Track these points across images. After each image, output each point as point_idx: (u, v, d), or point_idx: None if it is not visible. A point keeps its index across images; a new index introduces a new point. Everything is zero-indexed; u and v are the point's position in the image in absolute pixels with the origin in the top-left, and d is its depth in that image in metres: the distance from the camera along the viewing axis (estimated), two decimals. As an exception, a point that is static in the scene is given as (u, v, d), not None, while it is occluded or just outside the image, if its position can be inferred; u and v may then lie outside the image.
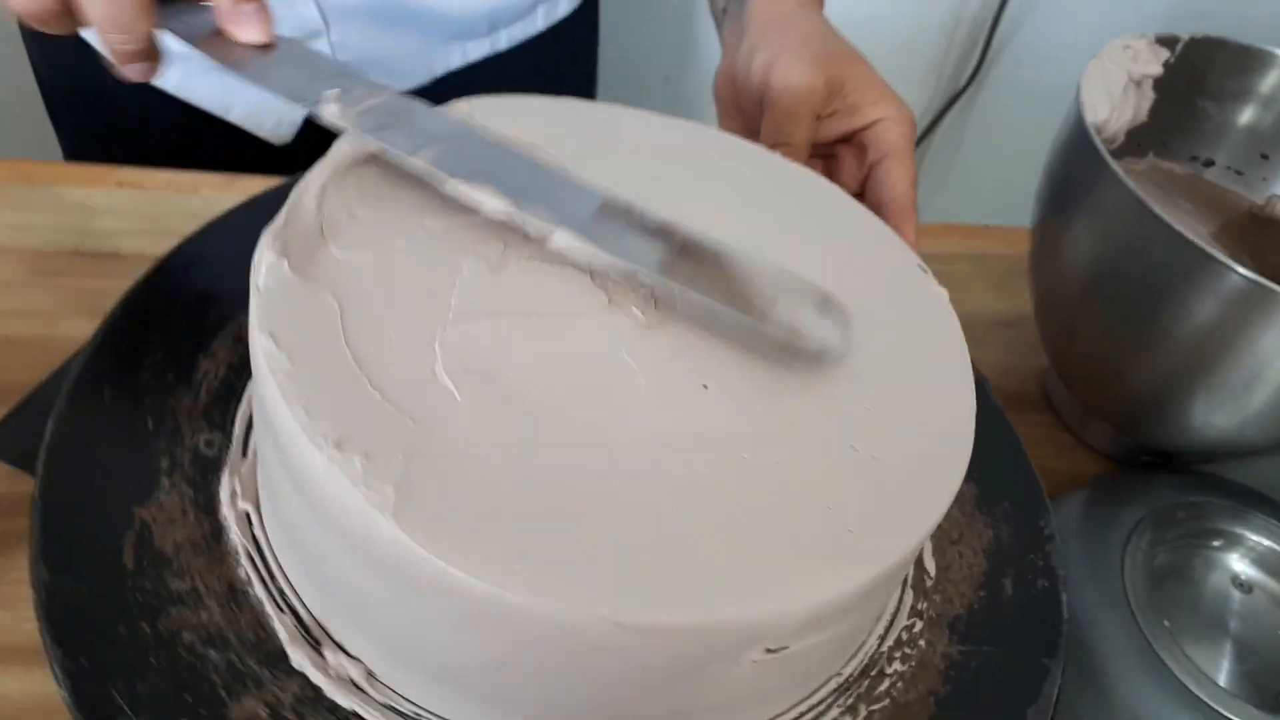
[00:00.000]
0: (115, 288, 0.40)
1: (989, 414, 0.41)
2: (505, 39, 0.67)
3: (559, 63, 0.72)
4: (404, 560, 0.26)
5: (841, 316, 0.33)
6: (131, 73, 0.36)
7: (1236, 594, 0.45)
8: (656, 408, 0.31)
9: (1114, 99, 0.52)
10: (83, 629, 0.31)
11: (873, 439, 0.31)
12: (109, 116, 0.64)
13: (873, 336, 0.35)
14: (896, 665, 0.35)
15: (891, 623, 0.36)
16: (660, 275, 0.32)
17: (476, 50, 0.66)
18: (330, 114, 0.34)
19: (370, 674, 0.32)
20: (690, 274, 0.32)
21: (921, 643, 0.36)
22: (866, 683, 0.35)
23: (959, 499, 0.38)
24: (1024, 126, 0.99)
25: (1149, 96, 0.53)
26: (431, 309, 0.32)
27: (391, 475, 0.27)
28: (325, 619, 0.33)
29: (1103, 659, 0.41)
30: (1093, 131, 0.45)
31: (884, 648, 0.36)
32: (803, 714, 0.33)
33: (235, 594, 0.33)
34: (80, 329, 0.46)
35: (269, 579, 0.34)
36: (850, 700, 0.34)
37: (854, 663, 0.35)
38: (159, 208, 0.52)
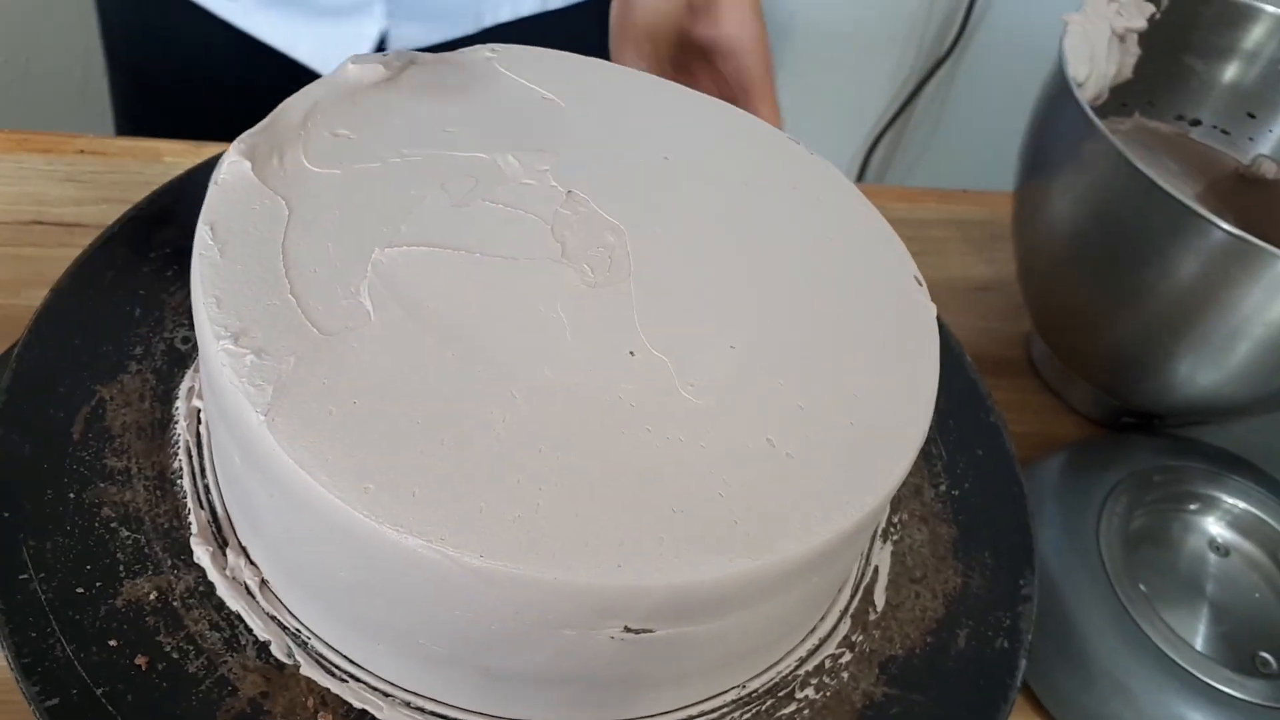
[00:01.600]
0: (74, 257, 0.39)
1: (997, 458, 0.41)
2: (489, 19, 0.65)
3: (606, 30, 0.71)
4: (270, 462, 0.26)
5: None
6: None
7: (1213, 557, 0.45)
8: (576, 364, 0.30)
9: (1097, 54, 0.51)
10: (13, 486, 0.32)
11: (794, 437, 0.30)
12: (172, 53, 0.64)
13: (841, 334, 0.34)
14: (809, 692, 0.33)
15: (818, 648, 0.35)
16: None
17: (527, 5, 0.64)
18: None
19: (264, 583, 0.32)
20: None
21: (845, 675, 0.34)
22: (771, 702, 0.33)
23: (934, 539, 0.38)
24: (1006, 92, 0.99)
25: (1134, 52, 0.52)
26: (378, 231, 0.32)
27: (276, 376, 0.27)
28: (235, 520, 0.33)
29: (1078, 623, 0.40)
30: (1075, 87, 0.44)
31: (800, 671, 0.34)
32: (693, 717, 0.32)
33: (164, 482, 0.34)
34: (40, 299, 0.45)
35: (198, 474, 0.34)
36: (748, 716, 0.33)
37: (761, 678, 0.33)
38: (120, 176, 0.51)
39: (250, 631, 0.31)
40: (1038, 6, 1.09)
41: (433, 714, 0.31)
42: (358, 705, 0.30)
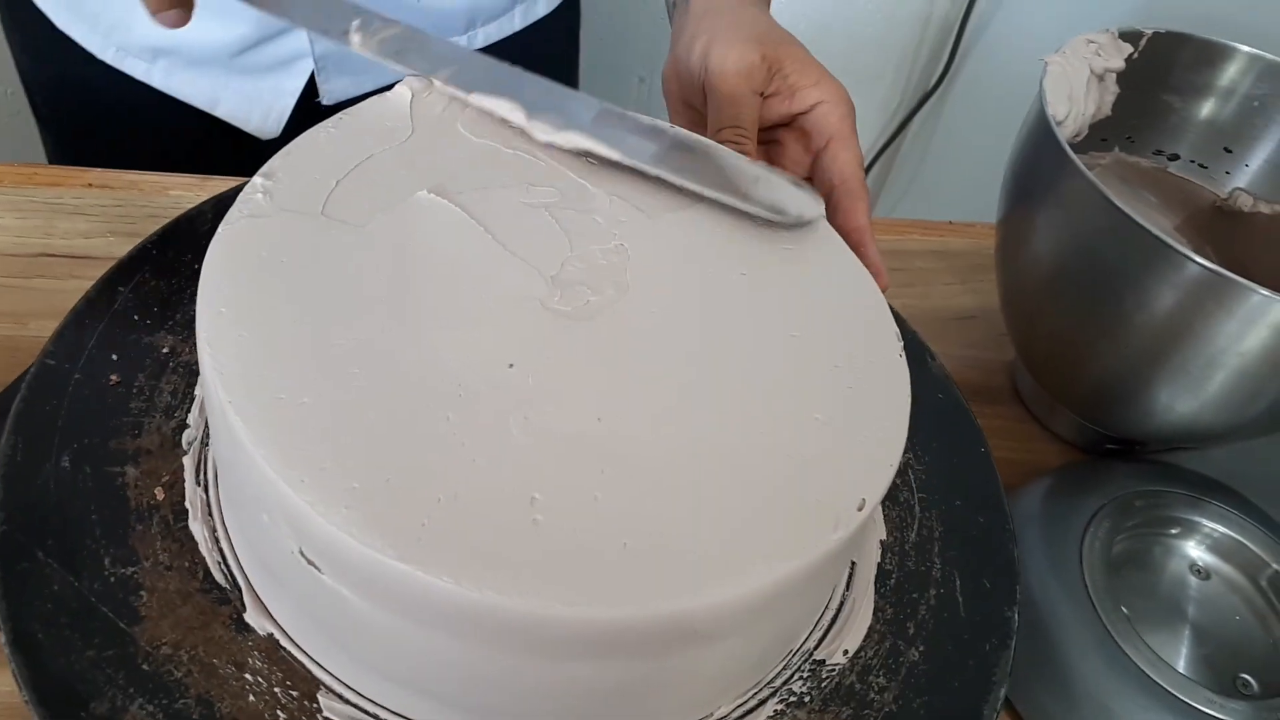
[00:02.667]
0: (85, 289, 0.40)
1: (982, 484, 0.42)
2: (482, 36, 0.67)
3: (537, 62, 0.72)
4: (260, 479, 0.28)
5: (815, 193, 0.39)
6: (165, 20, 0.38)
7: (1194, 580, 0.46)
8: (556, 402, 0.31)
9: (1076, 94, 0.53)
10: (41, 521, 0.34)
11: (765, 468, 0.31)
12: (93, 112, 0.64)
13: (810, 366, 0.35)
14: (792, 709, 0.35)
15: (805, 663, 0.36)
16: (655, 165, 0.38)
17: None
18: (355, 43, 0.39)
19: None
20: (681, 164, 0.38)
21: (828, 690, 0.35)
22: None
23: (918, 564, 0.39)
24: (993, 126, 1.00)
25: (1112, 90, 0.53)
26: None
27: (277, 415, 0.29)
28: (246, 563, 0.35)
29: (1061, 646, 0.41)
30: (1054, 124, 0.46)
31: (787, 686, 0.35)
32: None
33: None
34: (49, 330, 0.45)
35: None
36: None
37: (759, 692, 0.35)
38: (128, 209, 0.52)
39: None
40: (1022, 43, 1.11)
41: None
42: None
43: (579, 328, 0.33)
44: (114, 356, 0.39)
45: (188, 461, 0.36)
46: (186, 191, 0.54)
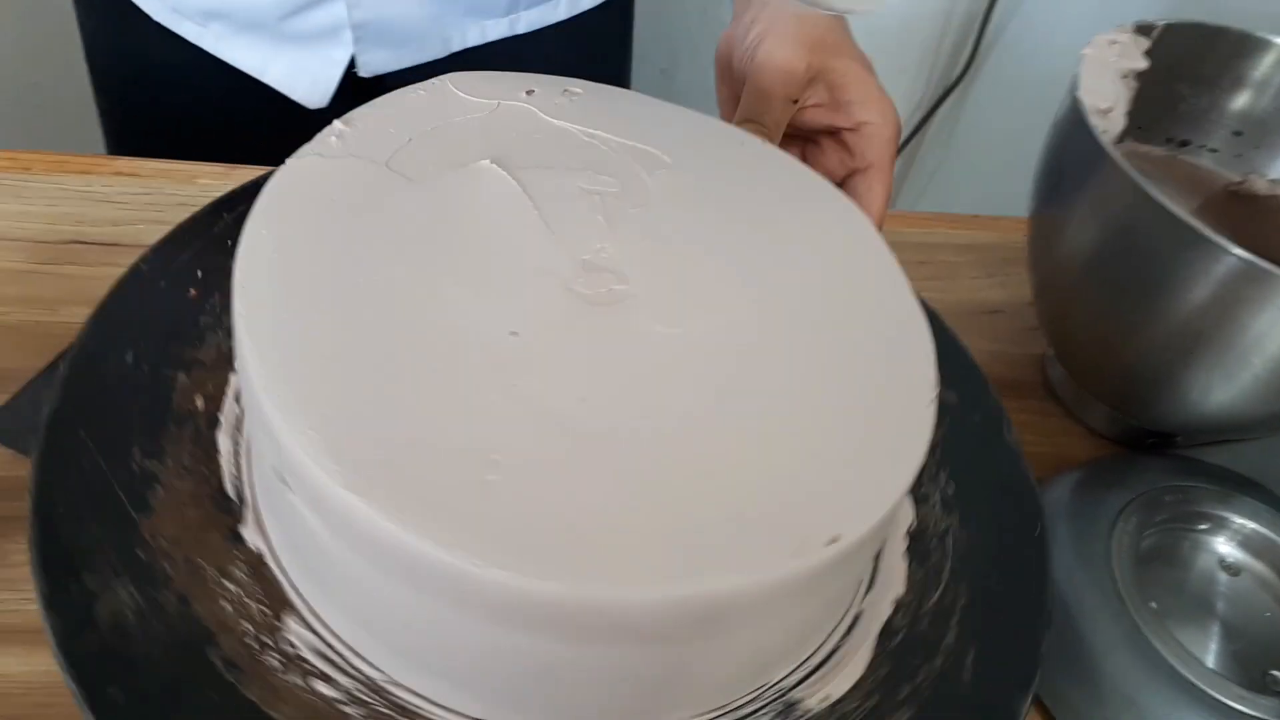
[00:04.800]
0: (115, 275, 0.41)
1: (1014, 478, 0.41)
2: (524, 22, 0.67)
3: (582, 56, 0.72)
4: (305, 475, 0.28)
5: None
6: None
7: (1223, 576, 0.45)
8: (586, 387, 0.31)
9: (1107, 91, 0.53)
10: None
11: (794, 452, 0.31)
12: (151, 76, 0.65)
13: (836, 349, 0.35)
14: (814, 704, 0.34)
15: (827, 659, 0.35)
16: None
17: (495, 30, 0.66)
18: None
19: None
20: None
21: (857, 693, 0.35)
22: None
23: (949, 559, 0.39)
24: (1016, 119, 1.00)
25: (1133, 86, 0.53)
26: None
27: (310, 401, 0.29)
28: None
29: (1090, 640, 0.41)
30: (1089, 117, 0.46)
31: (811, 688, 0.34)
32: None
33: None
34: (80, 316, 0.46)
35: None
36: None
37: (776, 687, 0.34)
38: (157, 197, 0.53)
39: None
40: (1047, 34, 1.11)
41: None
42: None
43: (593, 312, 0.33)
44: (199, 273, 0.41)
45: (233, 379, 0.38)
46: (214, 180, 0.54)
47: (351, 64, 0.62)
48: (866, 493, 0.31)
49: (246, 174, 0.54)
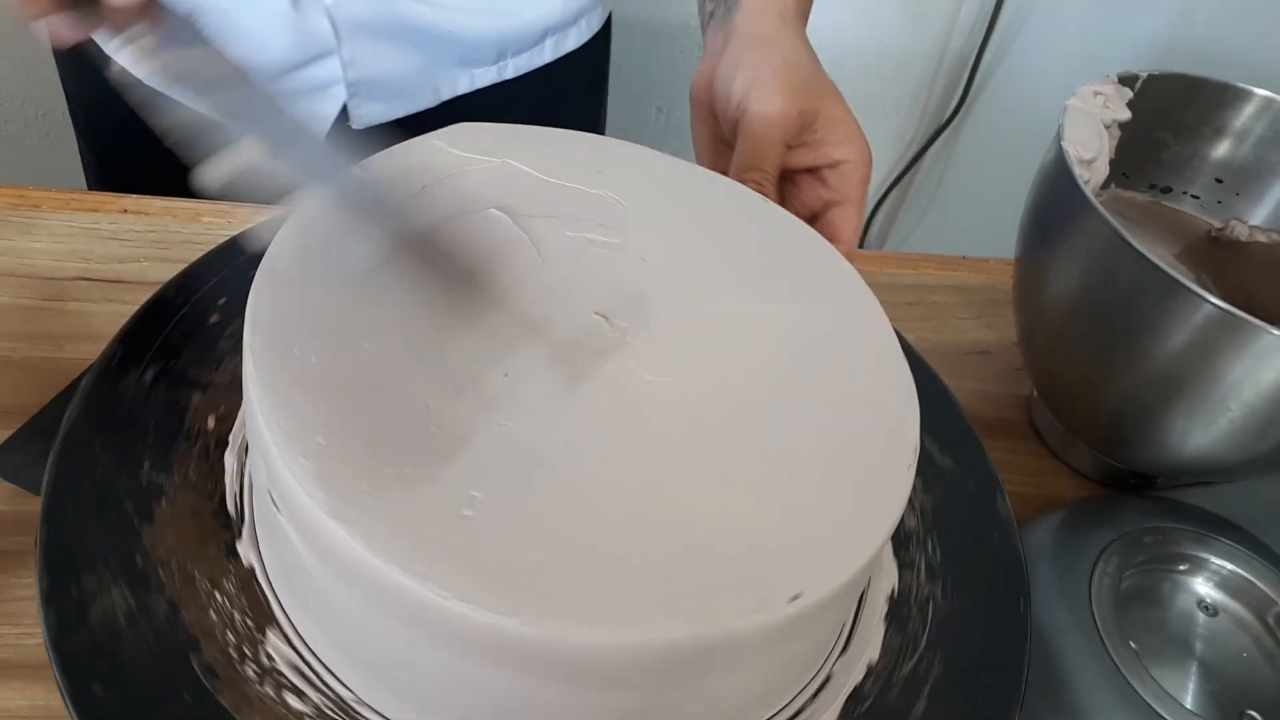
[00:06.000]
0: (120, 312, 0.42)
1: (995, 519, 0.42)
2: (513, 68, 0.69)
3: (567, 94, 0.74)
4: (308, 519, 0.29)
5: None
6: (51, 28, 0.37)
7: (1202, 616, 0.46)
8: (577, 430, 0.33)
9: (1092, 141, 0.54)
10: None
11: (779, 497, 0.32)
12: (134, 131, 0.66)
13: (818, 395, 0.36)
14: None
15: (813, 699, 0.36)
16: None
17: (484, 77, 0.68)
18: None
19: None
20: None
21: None
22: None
23: (931, 599, 0.39)
24: (1007, 160, 1.02)
25: (1116, 135, 0.55)
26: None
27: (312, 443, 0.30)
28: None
29: (1069, 679, 0.42)
30: (1073, 166, 0.47)
31: None
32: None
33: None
34: (85, 352, 0.47)
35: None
36: None
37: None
38: (162, 235, 0.54)
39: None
40: (1038, 77, 1.12)
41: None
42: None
43: (585, 358, 0.35)
44: (222, 300, 0.43)
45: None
46: (217, 219, 0.55)
47: (343, 114, 0.64)
48: (836, 552, 0.31)
49: (251, 213, 0.56)
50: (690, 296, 0.38)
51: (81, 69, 0.66)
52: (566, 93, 0.74)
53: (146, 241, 0.53)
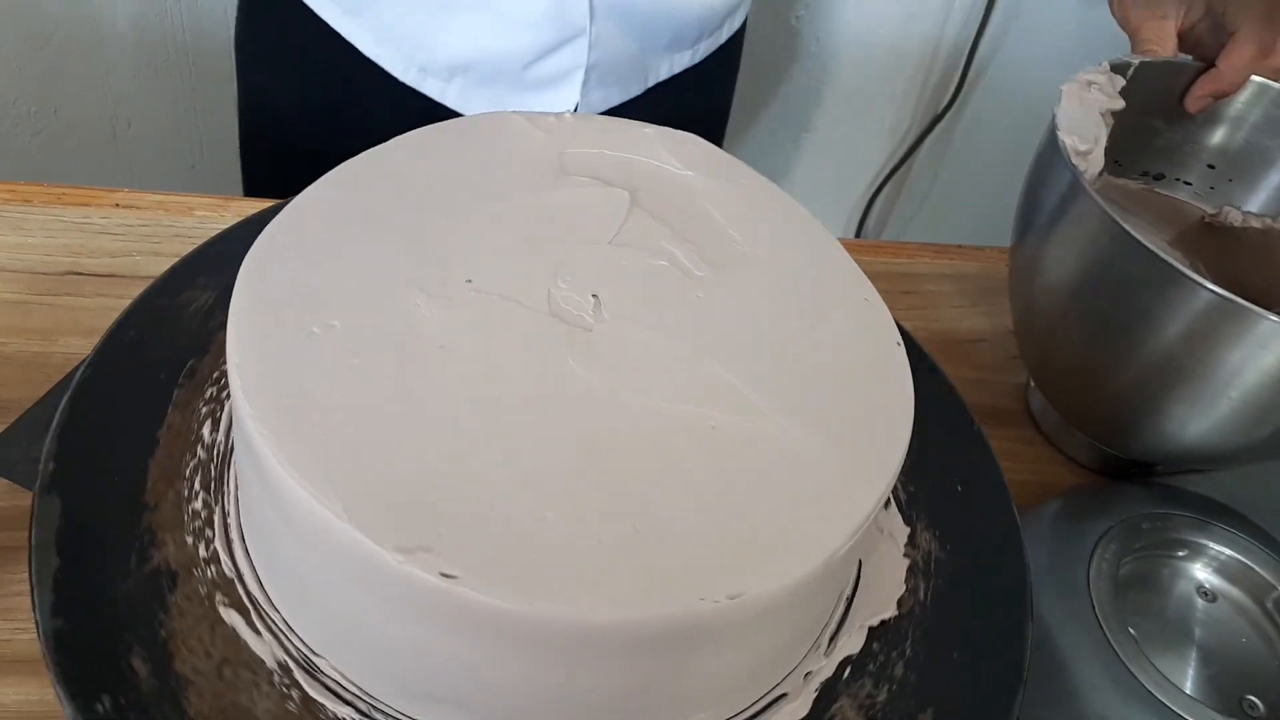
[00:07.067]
0: (111, 306, 0.42)
1: (996, 506, 0.42)
2: (703, 49, 0.70)
3: (729, 72, 0.76)
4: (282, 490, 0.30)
5: None
6: None
7: (1201, 603, 0.46)
8: (568, 407, 0.33)
9: (1086, 130, 0.54)
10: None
11: (772, 472, 0.32)
12: (296, 147, 0.68)
13: (814, 371, 0.36)
14: None
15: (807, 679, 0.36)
16: None
17: (680, 61, 0.69)
18: None
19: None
20: None
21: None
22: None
23: (931, 586, 0.39)
24: (1002, 149, 1.02)
25: (1110, 122, 0.55)
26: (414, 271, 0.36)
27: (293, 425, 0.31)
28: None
29: (1068, 667, 0.42)
30: (1067, 154, 0.47)
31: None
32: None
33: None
34: (77, 347, 0.47)
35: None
36: None
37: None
38: (154, 229, 0.54)
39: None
40: (1032, 68, 1.12)
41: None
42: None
43: (592, 356, 0.34)
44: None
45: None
46: (211, 212, 0.55)
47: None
48: (776, 564, 0.30)
49: (244, 206, 0.55)
50: (720, 312, 0.38)
51: (260, 87, 0.67)
52: (731, 70, 0.76)
53: (138, 235, 0.53)
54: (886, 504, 0.41)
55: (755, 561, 0.30)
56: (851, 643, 0.37)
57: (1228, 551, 0.47)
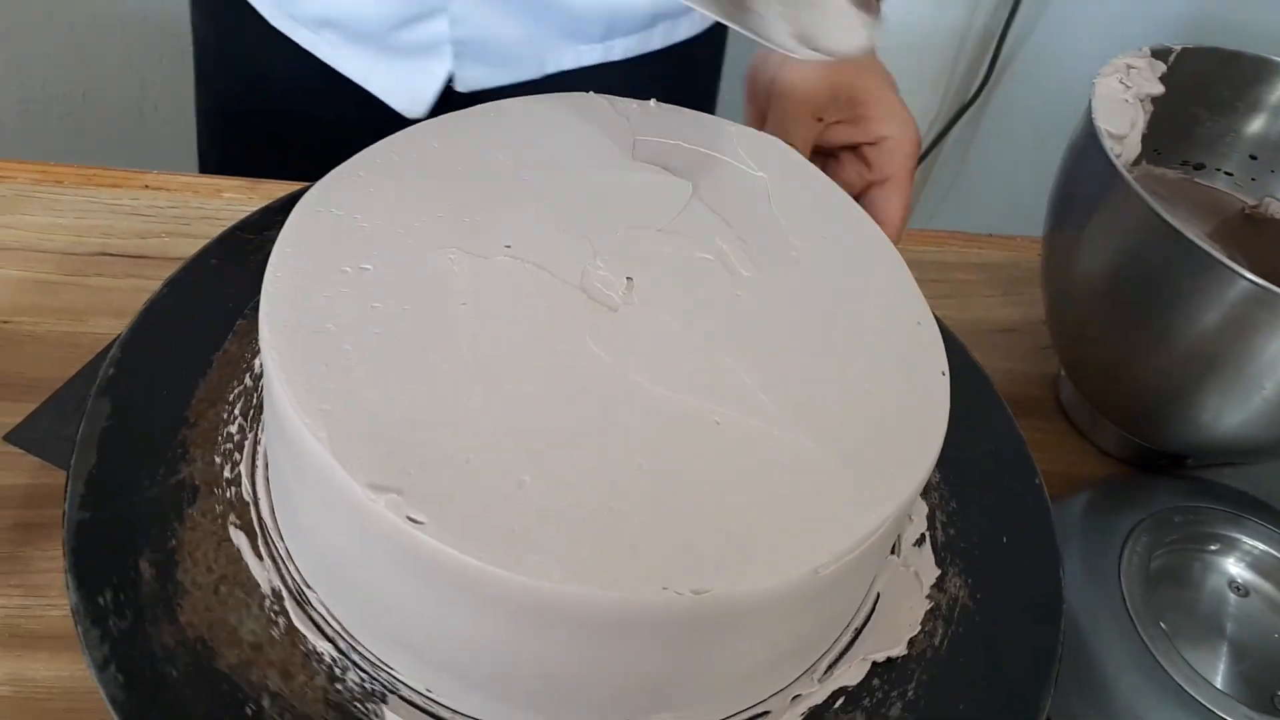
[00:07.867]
0: (141, 287, 0.42)
1: (1028, 498, 0.41)
2: (620, 49, 0.67)
3: (674, 85, 0.72)
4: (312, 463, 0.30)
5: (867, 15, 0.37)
6: None
7: (1233, 597, 0.45)
8: (607, 391, 0.32)
9: (1123, 115, 0.53)
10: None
11: (809, 455, 0.32)
12: (256, 85, 0.68)
13: (850, 361, 0.35)
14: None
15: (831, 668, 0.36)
16: None
17: (589, 55, 0.67)
18: None
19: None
20: None
21: (866, 703, 0.35)
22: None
23: (962, 575, 0.39)
24: (1031, 137, 1.00)
25: (1148, 109, 0.54)
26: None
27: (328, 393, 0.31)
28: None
29: (1100, 659, 0.41)
30: (1104, 141, 0.46)
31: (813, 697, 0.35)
32: None
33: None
34: (107, 327, 0.47)
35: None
36: None
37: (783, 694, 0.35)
38: (183, 210, 0.54)
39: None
40: (1063, 53, 1.11)
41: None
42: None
43: (610, 335, 0.34)
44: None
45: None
46: (239, 194, 0.55)
47: (450, 79, 0.64)
48: (846, 525, 0.30)
49: (272, 189, 0.55)
50: (741, 282, 0.38)
51: (222, 41, 0.67)
52: (676, 84, 0.72)
53: (167, 217, 0.53)
54: (920, 542, 0.40)
55: (729, 561, 0.29)
56: (850, 674, 0.36)
57: (1261, 546, 0.46)
